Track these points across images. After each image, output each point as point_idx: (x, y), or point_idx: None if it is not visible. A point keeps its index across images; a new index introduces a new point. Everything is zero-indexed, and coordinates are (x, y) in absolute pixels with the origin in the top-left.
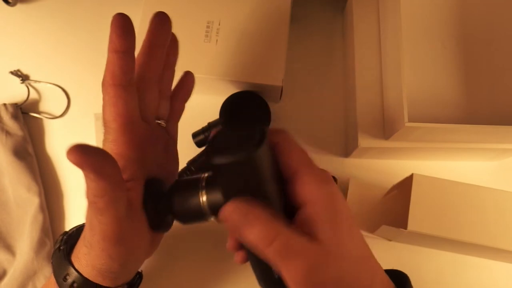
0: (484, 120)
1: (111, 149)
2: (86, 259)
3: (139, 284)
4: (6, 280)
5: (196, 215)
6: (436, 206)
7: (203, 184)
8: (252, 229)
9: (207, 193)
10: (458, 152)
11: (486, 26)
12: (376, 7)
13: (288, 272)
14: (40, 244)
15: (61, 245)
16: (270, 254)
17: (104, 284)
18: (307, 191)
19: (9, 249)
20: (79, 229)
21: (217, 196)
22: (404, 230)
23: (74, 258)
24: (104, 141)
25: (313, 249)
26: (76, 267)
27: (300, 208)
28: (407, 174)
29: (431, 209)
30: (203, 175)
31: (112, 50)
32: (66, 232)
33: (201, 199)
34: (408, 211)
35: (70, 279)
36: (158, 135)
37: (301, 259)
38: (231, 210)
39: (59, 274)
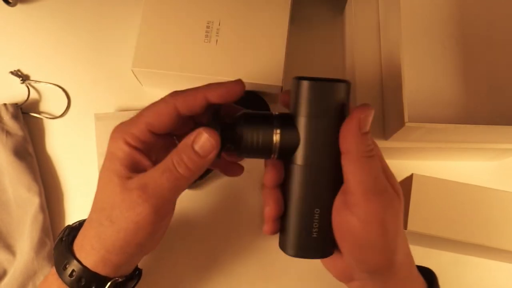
0: (484, 120)
1: None
2: (95, 241)
3: (138, 280)
4: (6, 280)
5: (261, 152)
6: (436, 206)
7: (278, 121)
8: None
9: (281, 133)
10: (458, 152)
11: (486, 26)
12: (376, 7)
13: (364, 208)
14: (40, 244)
15: (63, 237)
16: (369, 166)
17: (103, 273)
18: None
19: (9, 249)
20: (82, 223)
21: (293, 135)
22: (404, 230)
23: (76, 247)
24: None
25: (391, 192)
26: (78, 256)
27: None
28: (407, 174)
29: (431, 209)
30: (273, 113)
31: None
32: (69, 226)
33: (274, 137)
34: (408, 211)
35: (69, 268)
36: None
37: (384, 195)
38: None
39: (60, 263)
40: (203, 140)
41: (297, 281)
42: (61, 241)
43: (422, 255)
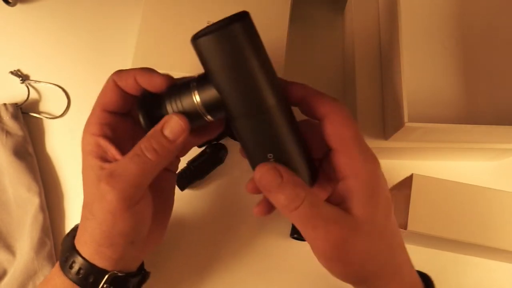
0: (484, 120)
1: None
2: (87, 235)
3: (142, 280)
4: (6, 280)
5: (193, 117)
6: (436, 206)
7: (194, 84)
8: (283, 191)
9: (199, 93)
10: (458, 152)
11: (486, 26)
12: (376, 7)
13: (314, 240)
14: (40, 244)
15: (70, 232)
16: (295, 217)
17: (101, 266)
18: (352, 164)
19: (10, 249)
20: None
21: (210, 93)
22: (404, 230)
23: (77, 239)
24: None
25: (344, 220)
26: (78, 247)
27: (340, 181)
28: (407, 174)
29: (431, 209)
30: (192, 77)
31: None
32: (74, 228)
33: (194, 99)
34: (408, 211)
35: (70, 260)
36: None
37: (330, 228)
38: (264, 171)
39: (62, 255)
40: (173, 124)
41: (298, 281)
42: (67, 236)
43: (422, 255)
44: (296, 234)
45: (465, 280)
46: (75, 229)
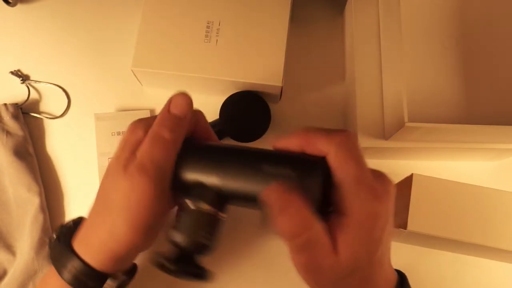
0: (484, 120)
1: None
2: (96, 232)
3: (133, 274)
4: (6, 280)
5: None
6: (436, 206)
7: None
8: (286, 215)
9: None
10: (458, 152)
11: (486, 26)
12: (376, 7)
13: (294, 259)
14: (40, 244)
15: (61, 237)
16: (291, 245)
17: (102, 269)
18: (352, 204)
19: (10, 249)
20: (76, 222)
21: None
22: (404, 230)
23: (77, 243)
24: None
25: (328, 257)
26: (77, 250)
27: (339, 214)
28: (407, 174)
29: (431, 209)
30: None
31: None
32: (62, 225)
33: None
34: (408, 211)
35: (70, 266)
36: None
37: (313, 259)
38: (274, 189)
39: (59, 261)
40: (177, 99)
41: (299, 281)
42: (58, 240)
43: (422, 255)
44: None
45: (464, 280)
46: (65, 234)
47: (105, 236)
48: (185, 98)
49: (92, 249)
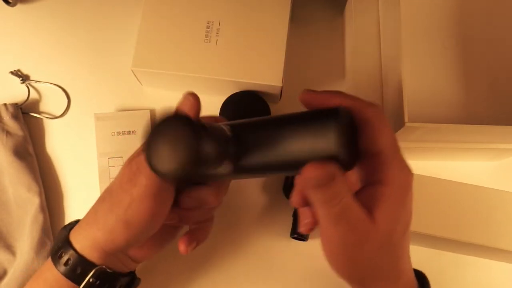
0: (484, 120)
1: None
2: (98, 221)
3: (132, 285)
4: (6, 280)
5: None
6: (436, 206)
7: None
8: (323, 187)
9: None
10: (458, 152)
11: (486, 26)
12: (376, 7)
13: (330, 237)
14: (40, 244)
15: (67, 225)
16: (326, 214)
17: (91, 258)
18: (388, 172)
19: (10, 249)
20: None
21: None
22: None
23: (74, 232)
24: None
25: (365, 227)
26: (72, 239)
27: (371, 184)
28: None
29: (431, 209)
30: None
31: None
32: (71, 223)
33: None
34: None
35: (60, 250)
36: None
37: (349, 231)
38: (317, 168)
39: (53, 246)
40: (186, 101)
41: (298, 281)
42: (63, 229)
43: (422, 255)
44: (296, 234)
45: (465, 280)
46: (72, 224)
47: (91, 225)
48: (192, 96)
49: (79, 236)
